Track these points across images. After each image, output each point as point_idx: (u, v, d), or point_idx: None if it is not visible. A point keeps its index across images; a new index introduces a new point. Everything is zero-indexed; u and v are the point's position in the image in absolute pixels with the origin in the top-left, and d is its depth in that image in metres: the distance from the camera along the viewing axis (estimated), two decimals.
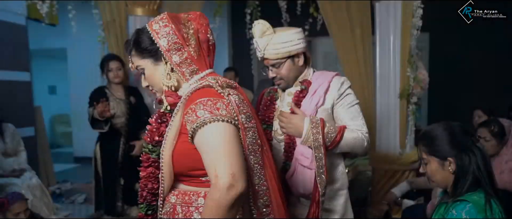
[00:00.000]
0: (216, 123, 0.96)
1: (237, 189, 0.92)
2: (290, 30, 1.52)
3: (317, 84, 1.53)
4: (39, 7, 2.52)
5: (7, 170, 3.20)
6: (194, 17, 1.10)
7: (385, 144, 2.94)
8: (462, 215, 1.18)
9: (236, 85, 1.10)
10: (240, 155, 0.97)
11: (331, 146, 1.45)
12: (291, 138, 1.53)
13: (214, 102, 0.98)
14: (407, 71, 2.69)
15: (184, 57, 1.06)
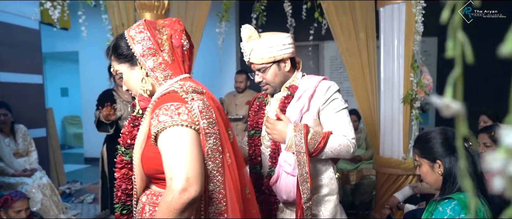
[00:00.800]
0: (175, 127, 0.98)
1: (190, 193, 0.93)
2: (276, 35, 1.49)
3: (302, 90, 1.50)
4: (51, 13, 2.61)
5: (19, 169, 3.30)
6: (169, 23, 1.13)
7: (388, 149, 2.95)
8: (447, 212, 1.23)
9: (203, 90, 1.10)
10: (197, 160, 0.98)
11: (314, 152, 1.42)
12: (276, 144, 1.51)
13: (176, 107, 1.00)
14: (410, 76, 2.70)
15: (158, 62, 1.09)
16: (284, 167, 1.47)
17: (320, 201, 1.53)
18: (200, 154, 1.00)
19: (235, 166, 1.09)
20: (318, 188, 1.53)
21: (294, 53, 1.53)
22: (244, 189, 1.14)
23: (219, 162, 1.05)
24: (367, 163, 3.63)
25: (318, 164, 1.53)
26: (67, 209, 3.67)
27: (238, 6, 5.59)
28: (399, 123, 2.89)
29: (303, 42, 4.28)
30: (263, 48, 1.46)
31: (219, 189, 1.04)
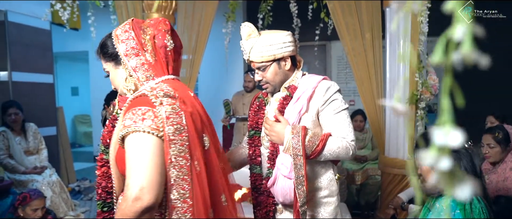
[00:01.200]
0: (137, 133, 0.96)
1: (143, 202, 0.91)
2: (276, 33, 1.46)
3: (301, 91, 1.46)
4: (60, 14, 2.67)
5: (29, 167, 3.37)
6: (154, 23, 1.11)
7: (394, 149, 2.94)
8: (443, 207, 1.29)
9: (175, 95, 1.04)
10: (155, 168, 0.95)
11: (312, 155, 1.39)
12: (274, 146, 1.49)
13: (143, 112, 0.98)
14: (416, 76, 2.69)
15: (141, 63, 1.08)
16: (281, 169, 1.44)
17: (319, 203, 1.51)
18: (160, 162, 0.97)
19: (205, 175, 1.03)
20: (317, 190, 1.50)
21: (294, 51, 1.50)
22: (218, 197, 1.09)
23: (186, 170, 1.00)
24: (372, 163, 3.63)
25: (317, 166, 1.50)
26: (76, 206, 3.75)
27: (246, 6, 5.62)
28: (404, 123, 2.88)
29: (309, 42, 4.28)
30: (263, 46, 1.43)
31: (184, 198, 0.99)
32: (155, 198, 0.93)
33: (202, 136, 1.08)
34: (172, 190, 0.99)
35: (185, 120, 1.02)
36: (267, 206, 1.55)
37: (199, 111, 1.09)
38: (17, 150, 3.40)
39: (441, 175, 0.22)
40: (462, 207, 1.25)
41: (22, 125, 3.47)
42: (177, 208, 0.99)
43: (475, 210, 1.26)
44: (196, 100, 1.13)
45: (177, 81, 1.12)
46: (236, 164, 1.67)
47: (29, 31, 4.23)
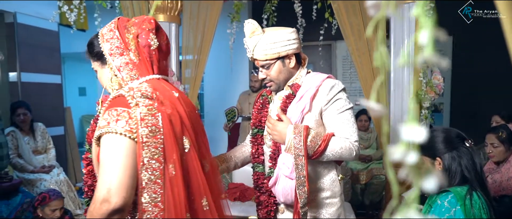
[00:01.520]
0: (109, 134, 0.96)
1: (110, 204, 0.90)
2: (280, 31, 1.42)
3: (304, 89, 1.43)
4: (67, 16, 2.72)
5: (38, 166, 3.43)
6: (138, 22, 1.08)
7: None
8: (444, 204, 1.30)
9: (152, 95, 1.01)
10: (125, 170, 0.94)
11: (314, 155, 1.36)
12: (277, 145, 1.46)
13: (118, 113, 0.97)
14: (420, 76, 2.69)
15: (125, 62, 1.06)
16: (282, 169, 1.42)
17: (321, 204, 1.48)
18: (130, 164, 0.95)
19: (181, 179, 0.99)
20: (319, 191, 1.48)
21: (299, 49, 1.47)
22: (198, 201, 1.05)
23: (159, 173, 0.97)
24: (377, 163, 3.63)
25: (320, 166, 1.47)
26: (83, 204, 3.79)
27: (251, 6, 5.64)
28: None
29: (314, 42, 4.29)
30: (267, 44, 1.40)
31: (155, 202, 0.97)
32: (123, 200, 0.92)
33: (182, 138, 1.04)
34: (143, 193, 0.96)
35: (162, 122, 0.99)
36: (268, 205, 1.53)
37: (180, 112, 1.05)
38: (26, 150, 3.46)
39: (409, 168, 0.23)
40: (462, 203, 1.26)
41: (30, 125, 3.52)
42: (147, 212, 0.97)
43: (475, 206, 1.27)
44: (182, 101, 1.09)
45: (162, 81, 1.10)
46: (238, 162, 1.66)
47: (38, 33, 4.30)
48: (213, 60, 4.58)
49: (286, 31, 1.43)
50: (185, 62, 3.62)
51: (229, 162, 1.62)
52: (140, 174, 0.96)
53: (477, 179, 1.33)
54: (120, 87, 1.08)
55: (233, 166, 1.65)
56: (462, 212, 1.26)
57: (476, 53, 4.72)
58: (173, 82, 3.46)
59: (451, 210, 1.28)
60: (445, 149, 1.37)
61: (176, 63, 3.60)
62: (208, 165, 1.14)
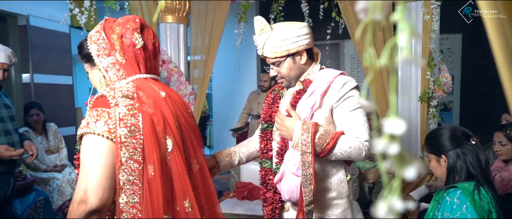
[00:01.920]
0: (88, 135, 0.96)
1: (87, 205, 0.91)
2: (290, 26, 1.37)
3: (315, 85, 1.39)
4: (78, 18, 2.78)
5: (50, 165, 3.51)
6: (122, 22, 1.08)
7: (406, 147, 2.94)
8: (454, 200, 1.32)
9: (133, 95, 1.00)
10: (102, 171, 0.94)
11: (322, 153, 1.32)
12: (284, 141, 1.43)
13: (98, 114, 0.97)
14: (427, 74, 2.69)
15: (112, 62, 1.06)
16: (288, 166, 1.38)
17: (327, 204, 1.43)
18: (108, 165, 0.95)
19: (159, 180, 0.97)
20: (326, 191, 1.43)
21: (310, 44, 1.42)
22: (180, 202, 1.03)
23: (137, 174, 0.96)
24: None
25: (328, 165, 1.43)
26: None
27: (259, 6, 5.67)
28: (417, 121, 2.88)
29: (321, 41, 4.30)
30: (276, 41, 1.36)
31: (133, 202, 0.96)
32: (99, 201, 0.93)
33: (164, 138, 1.02)
34: (121, 193, 0.95)
35: (142, 122, 0.98)
36: (274, 202, 1.51)
37: (163, 112, 1.04)
38: (39, 149, 3.53)
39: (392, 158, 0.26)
40: (471, 199, 1.29)
41: (43, 125, 3.60)
42: (125, 212, 0.96)
43: (484, 200, 1.30)
44: (169, 101, 1.08)
45: (150, 80, 1.09)
46: (243, 157, 1.63)
47: (50, 35, 4.39)
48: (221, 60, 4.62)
49: (296, 26, 1.38)
50: (193, 63, 3.66)
51: (233, 157, 1.59)
52: (118, 175, 0.95)
53: (482, 176, 1.35)
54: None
55: (238, 162, 1.62)
56: (472, 207, 1.28)
57: (486, 52, 4.67)
58: (181, 83, 3.51)
59: (462, 206, 1.30)
60: (450, 146, 1.39)
61: (184, 64, 3.65)
62: (198, 165, 1.12)
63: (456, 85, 4.97)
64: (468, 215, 1.28)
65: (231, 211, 3.00)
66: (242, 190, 3.23)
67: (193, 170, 1.10)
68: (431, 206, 1.44)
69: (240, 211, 2.99)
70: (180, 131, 1.07)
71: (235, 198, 3.25)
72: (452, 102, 5.09)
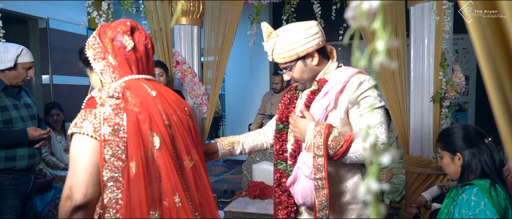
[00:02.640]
0: (76, 135, 1.01)
1: (72, 201, 0.97)
2: (295, 30, 1.32)
3: (330, 85, 1.32)
4: (97, 21, 2.87)
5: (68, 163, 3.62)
6: (114, 25, 1.11)
7: (418, 148, 2.94)
8: (471, 197, 1.34)
9: (119, 95, 1.04)
10: (86, 168, 0.98)
11: (336, 156, 1.26)
12: (298, 143, 1.38)
13: (85, 114, 1.02)
14: (440, 74, 2.68)
15: (107, 65, 1.10)
16: (302, 168, 1.32)
17: (342, 208, 1.38)
18: (92, 162, 0.99)
19: (142, 177, 1.00)
20: (340, 195, 1.37)
21: (321, 44, 1.34)
22: (170, 198, 1.05)
23: (120, 171, 1.00)
24: (398, 162, 3.61)
25: (343, 168, 1.37)
26: None
27: (272, 7, 5.71)
28: (429, 121, 2.87)
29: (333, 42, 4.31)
30: (284, 46, 1.32)
31: (116, 198, 1.00)
32: (83, 197, 0.98)
33: (151, 136, 1.04)
34: (105, 190, 1.00)
35: (126, 120, 1.01)
36: (289, 206, 1.46)
37: (151, 111, 1.06)
38: (58, 148, 3.65)
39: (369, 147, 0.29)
40: (488, 195, 1.31)
41: (62, 125, 3.72)
42: (109, 208, 1.00)
43: (500, 196, 1.32)
44: (159, 100, 1.10)
45: (142, 81, 1.12)
46: (246, 148, 1.61)
47: (68, 37, 4.53)
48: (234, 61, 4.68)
49: (302, 28, 1.32)
50: (206, 63, 3.73)
51: (235, 147, 1.58)
52: (102, 172, 0.99)
53: (497, 174, 1.38)
54: None
55: (239, 152, 1.60)
56: (490, 204, 1.30)
57: None
58: (195, 83, 3.58)
59: (480, 203, 1.32)
60: (465, 145, 1.42)
61: (198, 65, 3.72)
62: (192, 162, 1.14)
63: (471, 86, 4.91)
64: (487, 211, 1.29)
65: (243, 210, 3.05)
66: (254, 189, 3.27)
67: (186, 167, 1.12)
68: (445, 204, 1.45)
69: (252, 210, 3.03)
70: (170, 129, 1.09)
71: (247, 197, 3.30)
72: (467, 103, 5.02)
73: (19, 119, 2.19)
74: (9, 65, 2.13)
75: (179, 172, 1.09)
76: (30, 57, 2.22)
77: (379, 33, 0.28)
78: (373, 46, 0.29)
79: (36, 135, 2.18)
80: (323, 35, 1.35)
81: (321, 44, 1.35)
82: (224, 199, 4.23)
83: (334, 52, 1.44)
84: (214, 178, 5.42)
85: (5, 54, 2.15)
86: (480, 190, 1.33)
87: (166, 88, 1.19)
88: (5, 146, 2.11)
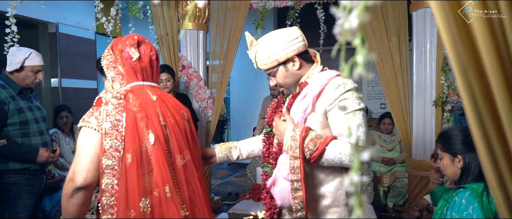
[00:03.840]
0: (83, 128, 1.19)
1: (73, 183, 1.14)
2: (275, 37, 1.36)
3: (309, 88, 1.35)
4: (105, 27, 2.95)
5: None
6: (124, 39, 1.29)
7: (421, 151, 2.97)
8: (462, 201, 1.34)
9: (121, 96, 1.20)
10: (88, 156, 1.15)
11: (312, 159, 1.27)
12: (280, 145, 1.39)
13: (92, 111, 1.20)
14: (441, 79, 2.71)
15: (117, 73, 1.27)
16: (281, 170, 1.34)
17: (323, 211, 1.39)
18: (94, 152, 1.16)
19: (135, 167, 1.15)
20: (321, 198, 1.38)
21: (301, 48, 1.37)
22: (160, 188, 1.18)
23: (117, 161, 1.16)
24: (400, 166, 3.64)
25: (324, 171, 1.38)
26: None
27: (276, 13, 5.77)
28: (432, 125, 2.90)
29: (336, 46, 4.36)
30: (263, 53, 1.38)
31: (112, 184, 1.16)
32: (84, 180, 1.15)
33: (147, 133, 1.18)
34: (103, 176, 1.16)
35: (125, 118, 1.18)
36: (271, 208, 1.49)
37: (148, 112, 1.21)
38: (66, 150, 3.72)
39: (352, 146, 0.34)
40: (479, 200, 1.30)
41: (71, 127, 3.80)
42: (105, 192, 1.16)
43: (492, 202, 1.30)
44: (158, 103, 1.24)
45: (146, 87, 1.28)
46: (243, 153, 1.67)
47: (77, 41, 4.62)
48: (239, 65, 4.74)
49: (282, 34, 1.36)
50: (212, 67, 3.79)
51: (232, 152, 1.65)
52: (102, 160, 1.16)
53: None
54: None
55: (236, 157, 1.65)
56: (479, 208, 1.29)
57: None
58: (200, 87, 3.63)
59: (468, 207, 1.32)
60: (466, 147, 1.42)
61: (203, 69, 3.78)
62: (183, 161, 1.26)
63: None
64: (474, 216, 1.30)
65: (247, 212, 3.09)
66: (257, 192, 3.32)
67: (177, 164, 1.25)
68: (440, 205, 1.47)
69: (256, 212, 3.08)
70: (166, 129, 1.24)
71: (251, 200, 3.34)
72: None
73: (33, 120, 2.27)
74: (15, 67, 2.22)
75: (171, 167, 1.22)
76: (39, 61, 2.30)
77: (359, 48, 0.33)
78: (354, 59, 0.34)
79: (45, 156, 2.25)
80: (304, 40, 1.39)
81: (301, 49, 1.38)
82: (229, 201, 4.27)
83: (318, 56, 1.47)
84: (219, 180, 5.47)
85: (14, 57, 2.25)
86: (472, 194, 1.33)
87: (168, 95, 1.34)
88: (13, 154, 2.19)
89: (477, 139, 0.49)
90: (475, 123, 0.48)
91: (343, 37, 0.34)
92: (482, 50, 0.46)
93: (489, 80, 0.46)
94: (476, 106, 0.47)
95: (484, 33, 0.46)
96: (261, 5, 3.70)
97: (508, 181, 0.54)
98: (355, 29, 0.32)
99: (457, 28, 0.48)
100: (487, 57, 0.46)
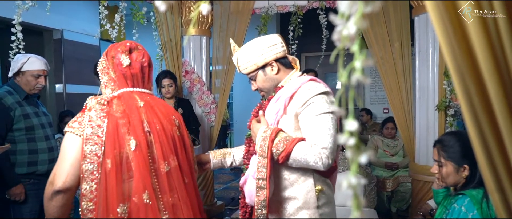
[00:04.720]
0: (67, 133, 1.21)
1: (53, 186, 1.17)
2: (256, 42, 1.44)
3: (282, 92, 1.42)
4: (109, 33, 2.98)
5: None
6: (116, 46, 1.31)
7: (424, 156, 2.96)
8: (462, 208, 1.33)
9: (104, 102, 1.22)
10: (69, 161, 1.18)
11: (280, 159, 1.32)
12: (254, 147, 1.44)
13: (77, 117, 1.22)
14: (444, 83, 2.72)
15: (109, 79, 1.30)
16: (250, 169, 1.42)
17: (293, 213, 1.41)
18: (75, 156, 1.18)
19: (114, 172, 1.16)
20: (291, 199, 1.41)
21: (280, 54, 1.44)
22: (139, 194, 1.17)
23: (97, 166, 1.17)
24: (404, 170, 3.63)
25: (294, 173, 1.41)
26: None
27: (279, 18, 5.80)
28: (435, 130, 2.89)
29: None
30: (243, 58, 1.45)
31: (91, 189, 1.17)
32: (62, 183, 1.17)
33: (128, 139, 1.19)
34: (83, 181, 1.17)
35: (107, 123, 1.19)
36: (244, 206, 1.53)
37: (131, 118, 1.22)
38: None
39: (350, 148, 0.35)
40: (478, 207, 1.28)
41: None
42: (85, 196, 1.18)
43: (492, 208, 1.28)
44: (144, 109, 1.25)
45: (136, 93, 1.30)
46: (237, 160, 1.70)
47: (81, 47, 4.67)
48: None
49: (262, 40, 1.44)
50: (215, 73, 3.81)
51: (226, 158, 1.68)
52: (82, 165, 1.17)
53: None
54: None
55: (230, 163, 1.69)
56: (479, 215, 1.27)
57: None
58: (203, 92, 3.66)
59: (468, 214, 1.30)
60: (473, 156, 1.39)
61: (206, 74, 3.81)
62: (169, 167, 1.25)
63: None
64: None
65: None
66: None
67: (161, 171, 1.23)
68: (439, 212, 1.46)
69: None
70: (150, 135, 1.24)
71: None
72: None
73: (39, 125, 2.30)
74: (14, 72, 2.26)
75: (153, 173, 1.22)
76: (39, 65, 2.30)
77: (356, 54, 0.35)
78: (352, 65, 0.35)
79: (15, 194, 2.19)
80: (284, 47, 1.45)
81: (280, 55, 1.44)
82: (231, 206, 4.27)
83: (297, 62, 1.53)
84: (222, 185, 5.48)
85: (14, 62, 2.29)
86: (471, 201, 1.31)
87: (158, 100, 1.36)
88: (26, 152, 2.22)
89: (474, 140, 0.50)
90: (472, 125, 0.49)
91: (341, 44, 0.35)
92: (478, 52, 0.47)
93: (485, 82, 0.47)
94: (472, 108, 0.49)
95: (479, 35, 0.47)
96: (263, 11, 3.73)
97: (506, 183, 0.54)
98: (353, 36, 0.33)
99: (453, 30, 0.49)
100: (483, 59, 0.47)
